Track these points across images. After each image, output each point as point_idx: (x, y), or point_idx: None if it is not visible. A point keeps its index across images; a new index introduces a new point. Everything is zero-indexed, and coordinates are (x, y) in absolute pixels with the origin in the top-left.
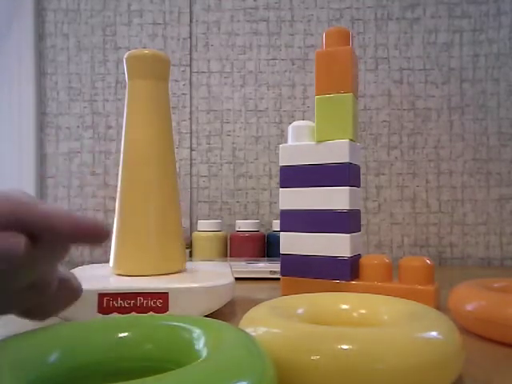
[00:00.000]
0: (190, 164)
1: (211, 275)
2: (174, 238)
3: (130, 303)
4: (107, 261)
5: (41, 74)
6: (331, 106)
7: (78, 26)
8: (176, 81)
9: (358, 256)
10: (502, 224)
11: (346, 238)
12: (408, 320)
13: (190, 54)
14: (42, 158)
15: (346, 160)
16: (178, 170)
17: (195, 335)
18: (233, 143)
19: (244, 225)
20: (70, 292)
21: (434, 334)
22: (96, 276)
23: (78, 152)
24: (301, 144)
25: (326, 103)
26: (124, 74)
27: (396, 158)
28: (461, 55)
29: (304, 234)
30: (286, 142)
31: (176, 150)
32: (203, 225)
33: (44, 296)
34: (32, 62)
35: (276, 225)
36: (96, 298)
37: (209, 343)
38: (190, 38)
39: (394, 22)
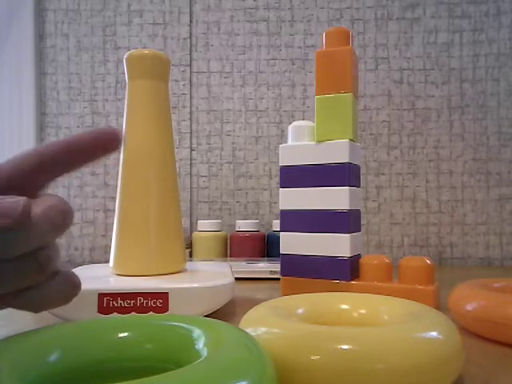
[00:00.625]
0: (190, 164)
1: (211, 275)
2: (174, 237)
3: (130, 303)
4: (107, 261)
5: (41, 74)
6: (331, 106)
7: (78, 26)
8: (176, 81)
9: (358, 256)
10: (502, 224)
11: (345, 237)
12: (408, 320)
13: (190, 54)
14: None
15: (346, 160)
16: (178, 169)
17: (195, 335)
18: (233, 143)
19: (244, 225)
20: (69, 286)
21: (433, 334)
22: (96, 276)
23: None
24: (301, 144)
25: (325, 103)
26: (124, 74)
27: (396, 158)
28: (461, 55)
29: (304, 234)
30: (286, 141)
31: (176, 150)
32: (203, 225)
33: (43, 272)
34: (32, 62)
35: (276, 225)
36: (96, 297)
37: (209, 343)
38: (190, 38)
39: (394, 22)
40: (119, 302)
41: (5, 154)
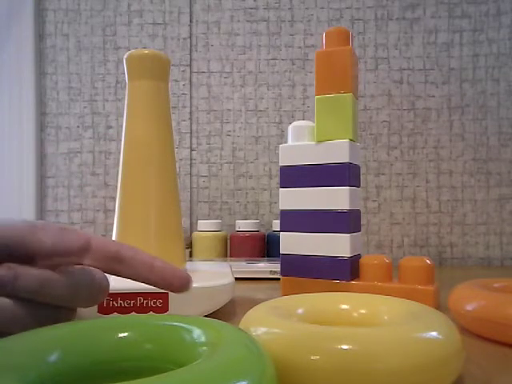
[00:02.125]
0: (190, 164)
1: (211, 275)
2: (174, 237)
3: (130, 303)
4: None
5: (41, 74)
6: (331, 106)
7: (78, 26)
8: (176, 81)
9: (358, 256)
10: (502, 224)
11: (345, 238)
12: (408, 320)
13: (190, 54)
14: (42, 158)
15: (346, 160)
16: (178, 169)
17: (195, 335)
18: (233, 143)
19: (244, 225)
20: (95, 288)
21: (433, 333)
22: None
23: (78, 152)
24: (301, 144)
25: (326, 103)
26: (124, 74)
27: (396, 158)
28: (461, 55)
29: (304, 233)
30: (286, 142)
31: (176, 150)
32: (203, 225)
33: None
34: (32, 62)
35: (276, 225)
36: None
37: (209, 343)
38: (190, 38)
39: (394, 22)
40: (119, 301)
41: (5, 154)
